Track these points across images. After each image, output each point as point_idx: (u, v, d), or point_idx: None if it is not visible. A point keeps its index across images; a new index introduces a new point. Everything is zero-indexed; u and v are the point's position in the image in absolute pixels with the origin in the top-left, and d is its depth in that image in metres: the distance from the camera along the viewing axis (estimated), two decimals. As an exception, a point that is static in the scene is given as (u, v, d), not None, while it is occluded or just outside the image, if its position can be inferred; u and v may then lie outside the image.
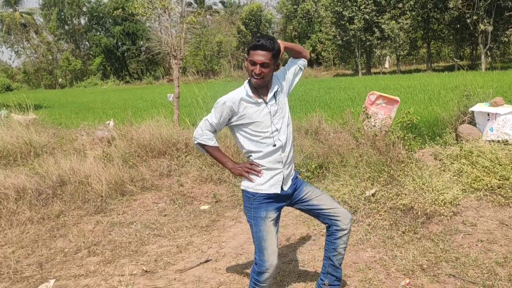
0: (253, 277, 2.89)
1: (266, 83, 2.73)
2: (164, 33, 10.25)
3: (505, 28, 26.90)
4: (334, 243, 2.98)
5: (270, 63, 2.64)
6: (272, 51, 2.64)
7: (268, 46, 2.62)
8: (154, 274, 3.86)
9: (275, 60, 2.69)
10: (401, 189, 4.99)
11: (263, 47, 2.62)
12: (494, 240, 3.97)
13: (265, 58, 2.62)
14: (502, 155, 5.37)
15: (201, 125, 2.84)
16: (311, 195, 2.94)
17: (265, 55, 2.62)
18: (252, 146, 2.78)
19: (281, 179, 2.81)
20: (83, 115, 15.30)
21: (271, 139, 2.76)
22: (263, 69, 2.64)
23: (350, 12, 33.59)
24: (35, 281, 3.89)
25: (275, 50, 2.65)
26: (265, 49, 2.62)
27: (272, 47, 2.63)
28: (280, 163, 2.80)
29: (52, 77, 54.20)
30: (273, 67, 2.70)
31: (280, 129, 2.78)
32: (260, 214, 2.78)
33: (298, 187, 2.95)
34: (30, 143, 8.60)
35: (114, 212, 5.58)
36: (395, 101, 7.52)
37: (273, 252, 2.79)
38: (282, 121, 2.80)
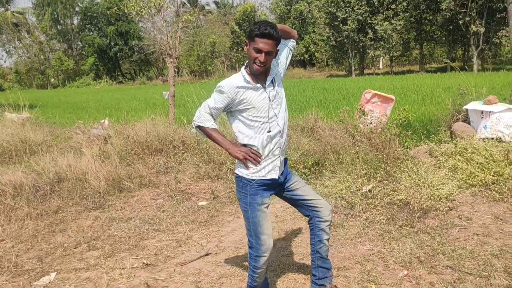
0: (251, 263, 2.96)
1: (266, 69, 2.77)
2: (159, 32, 10.27)
3: (497, 29, 27.15)
4: (318, 235, 3.04)
5: (273, 51, 2.69)
6: (277, 40, 2.69)
7: (275, 35, 2.65)
8: (154, 267, 3.89)
9: (276, 48, 2.75)
10: (397, 185, 5.06)
11: (270, 36, 2.64)
12: (489, 233, 4.04)
13: (270, 47, 2.66)
14: (496, 152, 5.46)
15: (200, 108, 2.88)
16: (297, 185, 3.00)
17: (270, 43, 2.65)
18: (251, 132, 2.78)
19: (278, 164, 2.85)
20: (77, 115, 15.25)
21: (270, 123, 2.78)
22: (267, 57, 2.67)
23: (344, 13, 33.72)
24: (36, 274, 3.91)
25: (279, 38, 2.70)
26: (271, 38, 2.65)
27: (277, 36, 2.68)
28: (278, 149, 2.83)
29: (44, 77, 53.81)
30: (274, 55, 2.76)
31: (278, 114, 2.82)
32: (256, 201, 2.82)
33: (287, 175, 3.00)
34: (26, 141, 8.58)
35: (112, 208, 5.60)
36: (390, 100, 7.60)
37: (269, 236, 2.87)
38: (280, 106, 2.84)
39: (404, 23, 32.73)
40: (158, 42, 10.51)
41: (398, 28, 32.67)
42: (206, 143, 7.33)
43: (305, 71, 44.30)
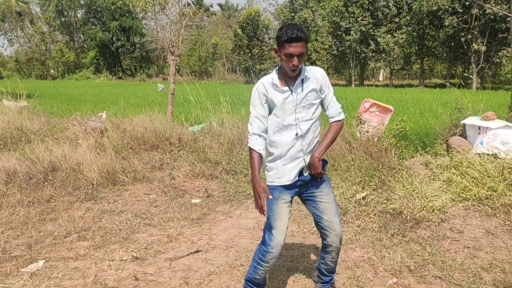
0: (257, 255, 2.96)
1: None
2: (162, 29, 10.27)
3: (498, 49, 27.34)
4: (324, 255, 3.11)
5: (304, 51, 2.69)
6: (306, 40, 2.69)
7: (302, 37, 2.65)
8: (144, 261, 3.88)
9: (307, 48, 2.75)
10: (391, 194, 5.07)
11: (298, 39, 2.64)
12: (480, 247, 4.05)
13: (301, 49, 2.66)
14: (491, 167, 5.48)
15: (250, 121, 2.88)
16: (322, 199, 2.94)
17: (300, 45, 2.65)
18: (275, 135, 2.84)
19: (302, 165, 2.87)
20: (75, 107, 15.20)
21: (293, 127, 2.81)
22: (300, 59, 2.68)
23: (347, 23, 33.87)
24: (24, 261, 3.88)
25: (307, 38, 2.70)
26: (300, 41, 2.65)
27: (305, 36, 2.68)
28: (301, 151, 2.85)
29: (44, 68, 53.71)
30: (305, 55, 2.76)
31: (302, 118, 2.81)
32: (274, 194, 2.84)
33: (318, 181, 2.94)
34: (22, 129, 8.55)
35: (105, 200, 5.58)
36: (388, 110, 7.63)
37: (281, 232, 2.86)
38: (306, 111, 2.82)
39: (407, 37, 32.94)
40: (160, 39, 10.51)
41: (400, 42, 32.87)
42: (202, 142, 7.32)
43: (306, 79, 44.31)
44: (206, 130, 8.03)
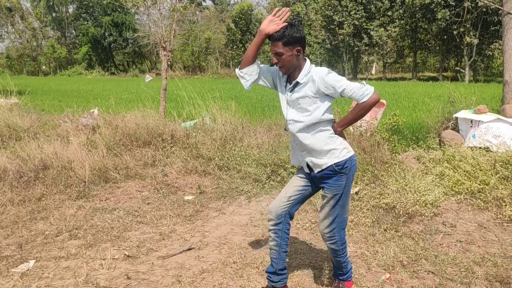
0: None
1: (290, 71, 2.83)
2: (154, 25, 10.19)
3: (490, 42, 27.41)
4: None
5: (283, 51, 2.71)
6: (281, 40, 2.70)
7: (276, 37, 2.70)
8: (136, 259, 3.85)
9: (291, 46, 2.72)
10: (384, 189, 5.07)
11: (273, 39, 2.72)
12: (473, 241, 4.06)
13: (277, 48, 2.72)
14: (483, 161, 5.49)
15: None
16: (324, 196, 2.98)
17: (276, 45, 2.72)
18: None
19: (300, 159, 3.01)
20: (67, 103, 15.07)
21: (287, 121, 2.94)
22: (278, 58, 2.75)
23: (340, 17, 33.80)
24: (15, 260, 3.84)
25: (284, 38, 2.69)
26: (274, 40, 2.72)
27: (280, 36, 2.69)
28: (297, 146, 2.98)
29: (35, 64, 53.25)
30: (291, 54, 2.73)
31: (291, 119, 2.89)
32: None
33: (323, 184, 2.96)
34: (12, 126, 8.47)
35: (97, 198, 5.54)
36: (381, 104, 7.61)
37: (277, 201, 3.05)
38: (297, 114, 2.85)
39: (400, 30, 32.92)
40: (152, 34, 10.43)
41: (393, 35, 32.86)
42: (195, 138, 7.28)
43: (299, 73, 44.28)
44: (199, 126, 7.99)
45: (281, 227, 3.05)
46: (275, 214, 3.02)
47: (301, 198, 3.09)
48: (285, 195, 3.03)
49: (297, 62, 2.79)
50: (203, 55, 46.15)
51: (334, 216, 2.96)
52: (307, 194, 3.09)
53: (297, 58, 2.77)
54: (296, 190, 3.04)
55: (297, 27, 2.72)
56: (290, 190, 3.04)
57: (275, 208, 3.02)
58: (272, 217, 3.03)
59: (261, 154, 6.38)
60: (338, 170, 2.87)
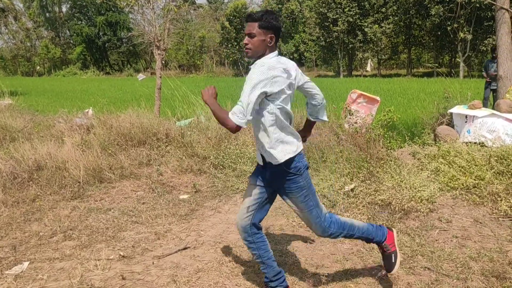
0: None
1: (255, 56, 2.71)
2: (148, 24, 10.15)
3: (484, 37, 27.51)
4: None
5: (255, 32, 2.64)
6: (259, 21, 2.63)
7: (255, 17, 2.64)
8: (131, 260, 3.82)
9: (265, 31, 2.65)
10: (380, 185, 5.06)
11: (250, 18, 2.67)
12: (468, 236, 4.06)
13: (251, 28, 2.65)
14: (478, 156, 5.50)
15: None
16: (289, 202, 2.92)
17: (251, 25, 2.65)
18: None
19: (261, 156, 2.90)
20: (61, 103, 15.03)
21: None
22: (249, 39, 2.66)
23: (334, 14, 33.84)
24: (8, 263, 3.80)
25: (263, 20, 2.63)
26: (251, 20, 2.65)
27: (259, 17, 2.63)
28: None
29: (30, 64, 53.07)
30: (263, 39, 2.65)
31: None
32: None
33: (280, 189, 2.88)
34: (6, 127, 8.42)
35: (92, 198, 5.51)
36: (375, 101, 7.62)
37: (239, 214, 2.95)
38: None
39: (394, 27, 33.00)
40: (146, 33, 10.39)
41: (388, 32, 32.93)
42: (190, 137, 7.26)
43: (294, 70, 44.26)
44: (194, 125, 7.96)
45: (252, 239, 2.94)
46: (241, 228, 2.93)
47: (261, 205, 2.93)
48: (244, 206, 2.92)
49: (266, 50, 2.70)
50: (197, 53, 46.10)
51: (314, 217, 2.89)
52: (264, 199, 2.92)
53: (267, 45, 2.68)
54: (253, 200, 2.90)
55: (276, 16, 2.70)
56: (247, 201, 2.91)
57: (239, 221, 2.93)
58: (240, 231, 2.95)
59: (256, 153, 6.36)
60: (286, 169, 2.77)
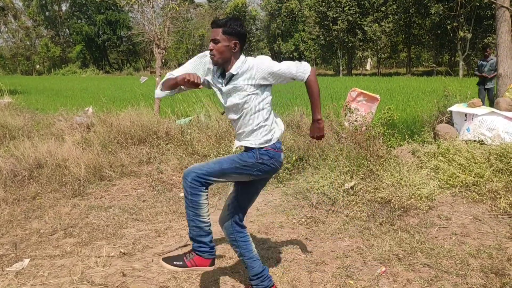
0: None
1: (221, 62, 2.71)
2: (147, 22, 10.17)
3: (484, 36, 27.52)
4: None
5: (220, 39, 2.65)
6: (223, 27, 2.65)
7: (219, 23, 2.66)
8: (132, 257, 3.83)
9: (229, 37, 2.67)
10: (379, 183, 5.08)
11: (215, 24, 2.69)
12: (468, 233, 4.07)
13: (215, 34, 2.66)
14: (478, 154, 5.51)
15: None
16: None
17: (216, 31, 2.67)
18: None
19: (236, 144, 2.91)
20: (61, 102, 15.03)
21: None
22: (213, 45, 2.67)
23: (334, 13, 33.84)
24: (9, 259, 3.82)
25: (227, 26, 2.65)
26: (216, 26, 2.67)
27: (223, 23, 2.65)
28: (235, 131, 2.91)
29: (29, 63, 53.05)
30: (227, 45, 2.67)
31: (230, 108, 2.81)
32: None
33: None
34: (6, 126, 8.42)
35: (92, 196, 5.52)
36: (375, 99, 7.63)
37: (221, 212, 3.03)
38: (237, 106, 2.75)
39: (393, 25, 33.00)
40: (146, 32, 10.41)
41: (387, 30, 32.93)
42: (190, 135, 7.27)
43: (294, 69, 44.29)
44: (194, 123, 7.97)
45: (234, 237, 2.95)
46: (222, 227, 2.97)
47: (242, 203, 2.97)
48: (224, 204, 2.99)
49: (231, 57, 2.71)
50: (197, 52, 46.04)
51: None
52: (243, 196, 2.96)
53: (232, 52, 2.69)
54: (232, 197, 2.95)
55: (240, 23, 2.71)
56: (227, 199, 2.98)
57: (220, 221, 2.98)
58: (222, 230, 2.99)
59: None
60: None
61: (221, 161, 2.75)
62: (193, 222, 2.74)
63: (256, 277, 2.97)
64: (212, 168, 2.69)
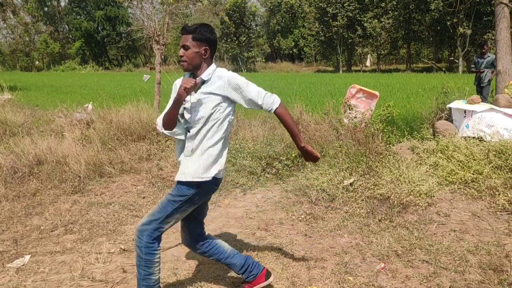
0: None
1: (191, 69, 2.69)
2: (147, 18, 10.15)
3: (483, 32, 27.50)
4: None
5: (190, 45, 2.64)
6: (193, 33, 2.64)
7: (188, 29, 2.65)
8: (132, 253, 3.85)
9: (199, 43, 2.65)
10: (379, 180, 5.09)
11: (185, 31, 2.67)
12: (466, 230, 4.09)
13: (184, 40, 2.65)
14: (477, 150, 5.53)
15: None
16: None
17: (186, 38, 2.65)
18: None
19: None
20: (61, 98, 15.01)
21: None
22: (183, 51, 2.66)
23: (334, 9, 33.78)
24: (10, 256, 3.83)
25: (196, 33, 2.64)
26: (185, 32, 2.66)
27: (192, 30, 2.64)
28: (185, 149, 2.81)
29: (28, 59, 52.97)
30: (197, 51, 2.66)
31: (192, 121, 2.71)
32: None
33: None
34: (6, 122, 8.43)
35: (92, 192, 5.53)
36: (374, 96, 7.64)
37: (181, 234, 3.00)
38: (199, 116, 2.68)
39: (393, 21, 32.95)
40: (146, 28, 10.39)
41: (387, 27, 32.89)
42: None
43: (293, 65, 44.33)
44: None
45: (202, 251, 2.95)
46: (189, 247, 2.99)
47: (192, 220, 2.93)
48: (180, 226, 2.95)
49: (202, 63, 2.70)
50: (196, 48, 46.00)
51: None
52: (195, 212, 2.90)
53: (202, 58, 2.69)
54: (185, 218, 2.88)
55: (210, 29, 2.71)
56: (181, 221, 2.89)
57: (184, 242, 2.99)
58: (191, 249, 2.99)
59: (256, 147, 6.39)
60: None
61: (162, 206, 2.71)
62: (145, 281, 2.77)
63: (243, 269, 3.00)
64: (159, 217, 2.68)
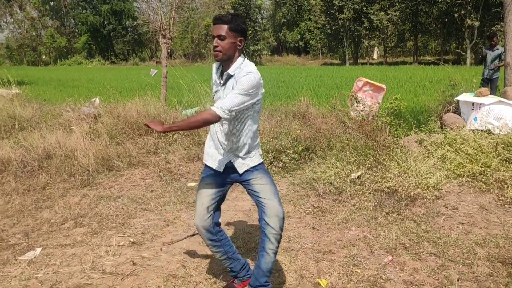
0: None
1: (226, 59, 2.66)
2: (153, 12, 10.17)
3: (492, 24, 27.23)
4: (262, 241, 2.79)
5: (226, 36, 2.60)
6: (229, 24, 2.60)
7: (225, 19, 2.61)
8: (141, 246, 3.89)
9: (235, 34, 2.63)
10: (386, 173, 5.09)
11: (220, 20, 2.62)
12: (474, 223, 4.09)
13: (221, 30, 2.61)
14: (485, 143, 5.51)
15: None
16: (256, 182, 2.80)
17: (221, 27, 2.61)
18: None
19: (219, 159, 2.83)
20: (68, 93, 15.09)
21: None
22: (219, 42, 2.61)
23: (340, 1, 33.57)
24: (21, 249, 3.88)
25: (233, 23, 2.61)
26: (221, 22, 2.61)
27: (229, 20, 2.60)
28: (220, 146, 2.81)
29: (35, 54, 53.16)
30: (233, 42, 2.63)
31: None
32: (203, 171, 2.95)
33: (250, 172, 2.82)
34: (14, 117, 8.49)
35: (101, 186, 5.58)
36: (381, 89, 7.62)
37: (198, 215, 2.88)
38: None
39: (400, 14, 32.70)
40: (152, 22, 10.40)
41: (394, 19, 32.65)
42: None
43: (300, 59, 44.18)
44: (200, 113, 7.98)
45: (216, 237, 2.93)
46: (202, 230, 2.88)
47: (219, 203, 2.96)
48: (202, 206, 2.87)
49: (235, 53, 2.68)
50: (202, 42, 45.97)
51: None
52: (222, 196, 2.96)
53: (237, 49, 2.67)
54: (212, 199, 2.87)
55: (244, 20, 2.69)
56: (205, 201, 2.86)
57: (200, 223, 2.87)
58: (202, 233, 2.90)
59: (263, 141, 6.40)
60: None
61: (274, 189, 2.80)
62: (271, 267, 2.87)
63: (243, 267, 3.07)
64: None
